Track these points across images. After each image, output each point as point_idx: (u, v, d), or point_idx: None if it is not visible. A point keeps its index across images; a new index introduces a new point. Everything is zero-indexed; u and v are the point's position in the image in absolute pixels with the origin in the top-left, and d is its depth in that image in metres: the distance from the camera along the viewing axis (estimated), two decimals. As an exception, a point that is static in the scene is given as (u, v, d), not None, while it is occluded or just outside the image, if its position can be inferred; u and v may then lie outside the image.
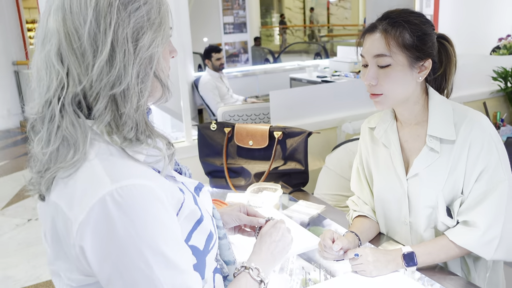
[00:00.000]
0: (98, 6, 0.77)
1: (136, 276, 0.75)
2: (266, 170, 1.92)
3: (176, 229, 0.81)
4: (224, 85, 5.04)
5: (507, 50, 4.56)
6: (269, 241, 1.08)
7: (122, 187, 0.74)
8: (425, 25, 1.30)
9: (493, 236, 1.26)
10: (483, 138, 1.27)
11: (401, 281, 1.26)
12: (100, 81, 0.77)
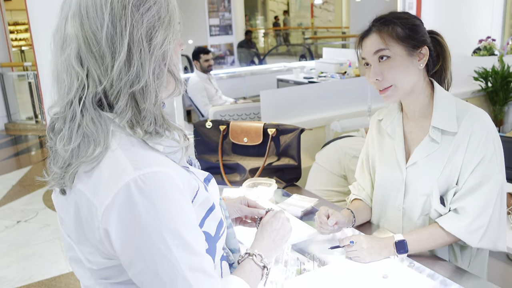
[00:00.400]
0: (113, 10, 0.82)
1: (156, 257, 0.80)
2: (260, 166, 1.99)
3: (192, 214, 0.86)
4: (212, 86, 5.09)
5: (487, 51, 4.71)
6: (270, 229, 1.14)
7: (145, 174, 0.79)
8: (413, 18, 1.42)
9: (480, 225, 1.35)
10: (482, 132, 1.36)
11: (393, 268, 1.34)
12: (120, 80, 0.82)
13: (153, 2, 0.86)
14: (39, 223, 4.09)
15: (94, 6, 0.82)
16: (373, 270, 1.34)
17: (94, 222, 0.81)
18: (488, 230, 1.35)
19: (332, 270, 1.36)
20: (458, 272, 1.34)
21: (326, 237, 1.60)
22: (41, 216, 4.25)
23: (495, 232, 1.37)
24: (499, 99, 4.14)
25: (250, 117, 3.00)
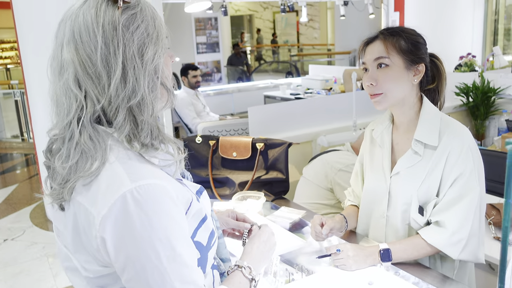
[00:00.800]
0: (105, 33, 0.86)
1: (146, 266, 0.83)
2: (249, 180, 2.03)
3: (185, 226, 0.89)
4: (200, 102, 5.15)
5: (467, 67, 4.85)
6: (258, 242, 1.17)
7: (141, 186, 0.83)
8: (417, 36, 1.51)
9: (461, 238, 1.40)
10: (462, 148, 1.42)
11: (378, 275, 1.39)
12: (118, 97, 0.87)
13: (141, 21, 0.91)
14: (26, 241, 4.06)
15: (87, 31, 0.87)
16: (359, 277, 1.38)
17: (92, 231, 0.85)
18: (468, 243, 1.41)
19: (319, 278, 1.40)
20: (443, 279, 1.38)
21: (314, 248, 1.64)
22: (28, 234, 4.22)
23: (475, 245, 1.42)
24: (480, 114, 4.25)
25: (239, 133, 3.05)
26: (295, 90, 6.21)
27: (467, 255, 1.42)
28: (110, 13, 0.87)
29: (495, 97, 4.24)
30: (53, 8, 3.88)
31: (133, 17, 0.90)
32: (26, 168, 6.71)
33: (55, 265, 3.60)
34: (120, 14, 0.88)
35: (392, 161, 1.56)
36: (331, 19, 14.34)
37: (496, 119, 4.28)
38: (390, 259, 1.42)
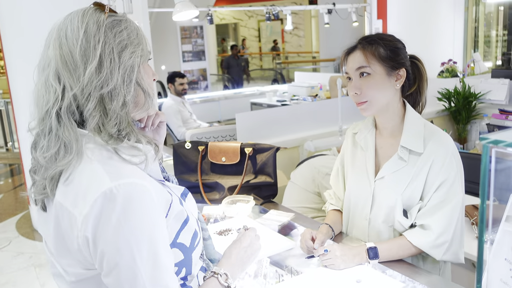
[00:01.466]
0: (88, 29, 0.93)
1: (120, 263, 0.85)
2: (238, 184, 2.06)
3: (163, 228, 0.91)
4: (186, 110, 5.17)
5: (449, 73, 4.95)
6: (238, 247, 1.17)
7: (120, 184, 0.85)
8: (396, 41, 1.55)
9: (444, 241, 1.47)
10: (446, 155, 1.48)
11: (366, 273, 1.43)
12: (91, 84, 0.91)
13: (124, 27, 0.97)
14: (13, 252, 4.02)
15: (71, 28, 0.94)
16: (347, 276, 1.42)
17: (74, 232, 0.87)
18: (452, 245, 1.48)
19: (308, 278, 1.43)
20: (428, 277, 1.43)
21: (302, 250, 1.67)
22: (14, 244, 4.18)
23: (457, 247, 1.49)
24: (462, 118, 4.34)
25: (226, 139, 3.08)
26: (281, 97, 6.26)
27: (450, 256, 1.49)
28: (95, 16, 0.95)
29: (476, 102, 4.34)
30: (39, 17, 3.88)
31: (118, 23, 0.97)
32: (11, 178, 6.64)
33: (42, 275, 3.57)
34: (106, 18, 0.95)
35: (376, 164, 1.60)
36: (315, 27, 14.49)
37: (478, 123, 4.38)
38: (377, 257, 1.47)
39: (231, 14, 16.16)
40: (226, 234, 1.74)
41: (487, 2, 7.40)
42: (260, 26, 16.59)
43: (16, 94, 4.23)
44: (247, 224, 1.35)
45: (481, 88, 4.33)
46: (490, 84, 4.28)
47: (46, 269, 3.67)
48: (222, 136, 3.12)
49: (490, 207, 0.66)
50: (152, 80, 1.04)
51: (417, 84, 1.61)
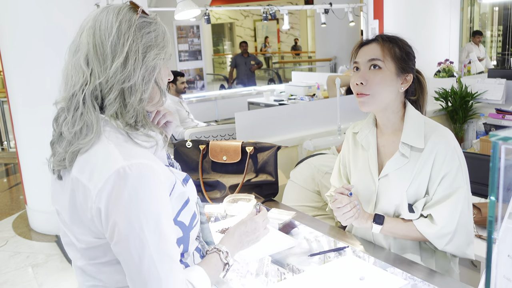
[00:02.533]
0: (120, 26, 1.03)
1: (129, 234, 0.95)
2: (239, 183, 2.07)
3: (167, 204, 1.01)
4: (184, 109, 5.17)
5: (446, 73, 4.98)
6: (242, 230, 1.26)
7: (132, 164, 0.96)
8: (410, 47, 1.58)
9: (447, 232, 1.48)
10: (447, 149, 1.50)
11: (369, 270, 1.44)
12: (115, 78, 1.01)
13: (153, 29, 1.07)
14: (10, 251, 4.01)
15: (106, 22, 1.04)
16: (350, 273, 1.43)
17: (88, 203, 0.98)
18: (455, 237, 1.49)
19: (309, 275, 1.44)
20: (431, 274, 1.44)
21: (304, 249, 1.68)
22: (11, 244, 4.16)
23: (462, 240, 1.50)
24: (459, 118, 4.37)
25: (225, 138, 3.08)
26: (278, 97, 6.27)
27: (453, 248, 1.50)
28: (129, 15, 1.05)
29: (472, 102, 4.36)
30: (36, 16, 3.87)
31: (147, 24, 1.06)
32: (6, 178, 6.61)
33: (40, 274, 3.56)
34: (137, 18, 1.05)
35: (379, 163, 1.61)
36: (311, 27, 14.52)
37: (474, 123, 4.40)
38: (381, 223, 1.52)
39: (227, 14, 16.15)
40: (227, 233, 1.74)
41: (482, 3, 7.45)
42: (256, 26, 16.60)
43: (12, 93, 4.21)
44: (260, 204, 1.41)
45: (478, 87, 4.36)
46: (486, 84, 4.31)
47: (44, 268, 3.66)
48: (221, 135, 3.12)
49: (500, 205, 0.67)
50: (167, 80, 1.13)
51: (417, 96, 1.63)
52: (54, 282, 3.45)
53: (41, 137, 4.02)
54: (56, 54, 3.92)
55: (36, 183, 4.30)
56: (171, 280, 0.99)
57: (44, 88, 3.95)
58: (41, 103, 3.99)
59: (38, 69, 3.94)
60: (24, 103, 4.13)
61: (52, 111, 1.12)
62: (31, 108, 4.06)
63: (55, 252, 3.94)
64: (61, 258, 3.81)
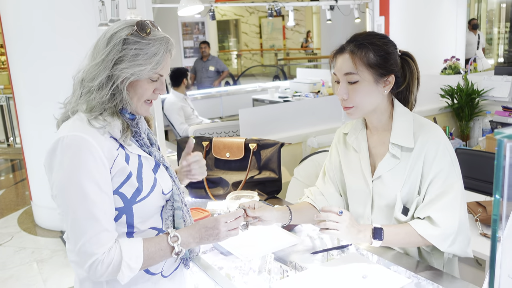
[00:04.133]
0: (112, 35, 1.24)
1: (60, 191, 1.18)
2: (243, 180, 2.06)
3: (97, 173, 1.18)
4: (188, 106, 5.16)
5: (452, 70, 4.95)
6: (202, 225, 1.32)
7: (70, 135, 1.19)
8: (387, 45, 1.49)
9: (450, 232, 1.43)
10: (438, 146, 1.46)
11: (372, 269, 1.43)
12: (89, 74, 1.24)
13: (137, 47, 1.23)
14: (15, 247, 4.03)
15: (109, 29, 1.27)
16: (353, 271, 1.42)
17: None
18: (458, 237, 1.44)
19: (312, 273, 1.43)
20: (435, 273, 1.43)
21: (307, 246, 1.67)
22: (16, 239, 4.18)
23: (463, 239, 1.46)
24: (464, 115, 4.34)
25: (229, 135, 3.08)
26: (283, 93, 6.26)
27: (456, 249, 1.45)
28: (125, 30, 1.24)
29: (479, 99, 4.33)
30: (40, 12, 3.87)
31: (134, 42, 1.23)
32: (12, 173, 6.64)
33: (45, 270, 3.58)
34: (128, 34, 1.23)
35: (371, 165, 1.58)
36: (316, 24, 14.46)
37: (480, 120, 4.37)
38: (381, 238, 1.43)
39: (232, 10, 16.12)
40: (230, 230, 1.73)
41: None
42: (261, 23, 16.55)
43: (18, 89, 4.23)
44: (245, 208, 1.47)
45: (484, 85, 4.33)
46: (493, 81, 4.27)
47: (49, 264, 3.67)
48: (225, 132, 3.11)
49: (504, 203, 0.66)
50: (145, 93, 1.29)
51: (407, 82, 1.55)
52: (59, 277, 3.47)
53: (46, 134, 4.04)
54: (61, 53, 3.93)
55: (41, 179, 4.31)
56: (93, 235, 1.16)
57: (49, 86, 3.96)
58: (46, 101, 4.00)
59: (44, 69, 3.95)
60: (29, 100, 4.14)
61: (57, 109, 1.31)
62: (36, 105, 4.08)
63: (60, 247, 3.95)
64: (65, 253, 3.82)
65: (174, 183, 1.39)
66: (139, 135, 1.34)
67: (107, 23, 3.63)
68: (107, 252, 1.18)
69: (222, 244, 1.61)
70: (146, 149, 1.35)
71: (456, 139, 4.18)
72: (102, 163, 1.20)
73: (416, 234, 1.45)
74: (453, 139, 4.13)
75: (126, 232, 1.28)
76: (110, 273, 1.19)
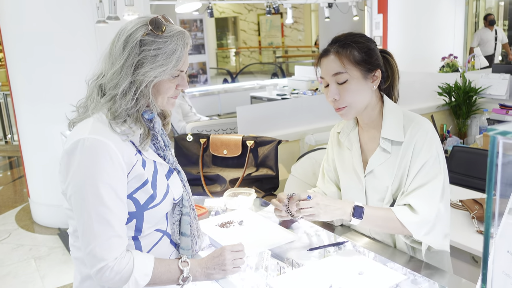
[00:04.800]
0: (128, 38, 1.21)
1: (76, 192, 1.17)
2: (240, 177, 2.07)
3: (114, 178, 1.18)
4: (186, 104, 5.16)
5: (449, 68, 4.95)
6: (211, 256, 1.36)
7: (90, 138, 1.17)
8: (368, 42, 1.53)
9: (428, 220, 1.46)
10: (425, 139, 1.49)
11: (368, 265, 1.43)
12: (110, 82, 1.22)
13: (155, 47, 1.20)
14: (13, 244, 4.03)
15: (123, 31, 1.24)
16: (349, 267, 1.42)
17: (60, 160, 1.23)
18: (434, 227, 1.47)
19: (309, 270, 1.44)
20: (431, 269, 1.44)
21: (304, 243, 1.68)
22: (14, 236, 4.18)
23: (440, 231, 1.48)
24: (462, 113, 4.34)
25: (227, 132, 3.08)
26: (281, 91, 6.26)
27: (431, 239, 1.48)
28: (140, 31, 1.21)
29: (476, 97, 4.34)
30: (38, 10, 3.86)
31: (151, 43, 1.20)
32: (10, 171, 6.63)
33: (42, 267, 3.58)
34: (144, 35, 1.20)
35: (364, 161, 1.60)
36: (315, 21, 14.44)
37: (478, 118, 4.38)
38: (361, 217, 1.46)
39: (230, 8, 16.09)
40: (227, 227, 1.74)
41: (488, -3, 7.39)
42: (259, 20, 16.53)
43: (16, 86, 4.22)
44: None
45: (482, 83, 4.33)
46: (490, 79, 4.28)
47: (46, 261, 3.67)
48: (222, 129, 3.12)
49: (497, 201, 0.66)
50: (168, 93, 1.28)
51: (390, 79, 1.59)
52: (56, 274, 3.47)
53: (44, 132, 4.06)
54: (58, 50, 3.92)
55: (39, 176, 4.31)
56: (105, 240, 1.16)
57: (47, 85, 3.96)
58: (43, 98, 4.00)
59: (41, 66, 3.94)
60: (27, 97, 4.13)
61: (54, 107, 1.30)
62: (34, 102, 4.07)
63: (58, 245, 3.95)
64: (63, 251, 3.83)
65: (184, 188, 1.38)
66: (155, 138, 1.33)
67: (104, 20, 3.62)
68: (119, 259, 1.18)
69: (220, 241, 1.62)
70: (161, 153, 1.34)
71: (454, 136, 4.19)
72: (121, 168, 1.19)
73: (395, 219, 1.47)
74: (450, 137, 4.14)
75: (132, 236, 1.28)
76: (116, 282, 1.19)
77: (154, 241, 1.31)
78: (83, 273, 1.29)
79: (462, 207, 2.31)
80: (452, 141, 4.07)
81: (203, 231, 1.55)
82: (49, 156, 4.07)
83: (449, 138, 4.10)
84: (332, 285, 1.33)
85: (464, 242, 1.97)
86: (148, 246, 1.31)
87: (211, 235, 1.66)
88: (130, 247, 1.27)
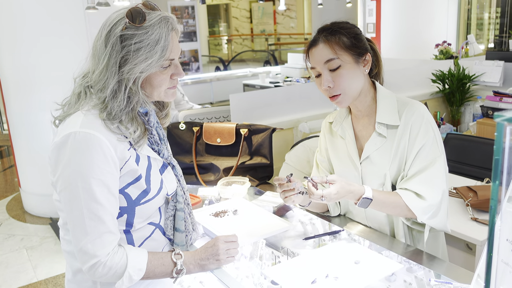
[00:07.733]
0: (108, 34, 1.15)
1: (66, 188, 1.13)
2: (234, 165, 2.04)
3: (106, 172, 1.14)
4: (178, 92, 5.10)
5: (443, 55, 4.94)
6: (204, 247, 1.34)
7: (81, 131, 1.12)
8: (354, 28, 1.52)
9: (433, 204, 1.45)
10: (421, 121, 1.48)
11: (364, 254, 1.42)
12: (97, 84, 1.17)
13: (137, 41, 1.13)
14: (4, 234, 3.99)
15: (103, 26, 1.18)
16: (345, 256, 1.41)
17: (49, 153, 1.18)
18: (440, 210, 1.46)
19: (304, 259, 1.43)
20: (426, 257, 1.43)
21: (298, 232, 1.67)
22: (5, 226, 4.15)
23: (444, 213, 1.48)
24: (455, 100, 4.34)
25: (220, 120, 3.05)
26: (274, 79, 6.22)
27: (437, 222, 1.47)
28: (118, 25, 1.15)
29: (470, 84, 4.33)
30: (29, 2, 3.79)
31: (131, 36, 1.14)
32: (0, 160, 6.56)
33: (34, 257, 3.55)
34: (123, 29, 1.14)
35: (359, 148, 1.59)
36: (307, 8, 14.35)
37: (471, 105, 4.38)
38: (365, 207, 1.45)
39: (222, -5, 15.93)
40: (222, 216, 1.72)
41: (481, -16, 7.36)
42: (251, 7, 16.39)
43: (4, 75, 4.15)
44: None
45: (475, 70, 4.33)
46: (484, 66, 4.27)
47: (38, 251, 3.65)
48: (215, 117, 3.08)
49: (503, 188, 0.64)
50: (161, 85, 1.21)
51: (377, 66, 1.59)
52: (48, 264, 3.44)
53: (34, 121, 4.00)
54: (48, 38, 3.85)
55: (29, 165, 4.26)
56: (97, 236, 1.13)
57: (36, 72, 3.89)
58: (33, 86, 3.94)
59: (30, 54, 3.88)
60: (16, 86, 4.06)
61: (43, 95, 1.27)
62: (23, 91, 4.01)
63: (49, 234, 3.92)
64: (55, 240, 3.80)
65: (179, 183, 1.35)
66: (150, 132, 1.27)
67: (94, 6, 3.56)
68: (111, 255, 1.16)
69: (214, 231, 1.60)
70: (156, 147, 1.29)
71: (447, 124, 4.19)
72: (113, 162, 1.15)
73: (403, 205, 1.46)
74: (444, 124, 4.14)
75: (124, 230, 1.24)
76: (110, 277, 1.17)
77: (147, 235, 1.28)
78: (74, 267, 1.27)
79: (457, 195, 2.31)
80: (445, 128, 4.07)
81: (197, 221, 1.53)
82: (40, 145, 4.02)
83: (443, 126, 4.09)
84: (329, 274, 1.32)
85: (459, 230, 1.97)
86: (140, 239, 1.28)
87: (205, 225, 1.64)
88: (122, 241, 1.24)
